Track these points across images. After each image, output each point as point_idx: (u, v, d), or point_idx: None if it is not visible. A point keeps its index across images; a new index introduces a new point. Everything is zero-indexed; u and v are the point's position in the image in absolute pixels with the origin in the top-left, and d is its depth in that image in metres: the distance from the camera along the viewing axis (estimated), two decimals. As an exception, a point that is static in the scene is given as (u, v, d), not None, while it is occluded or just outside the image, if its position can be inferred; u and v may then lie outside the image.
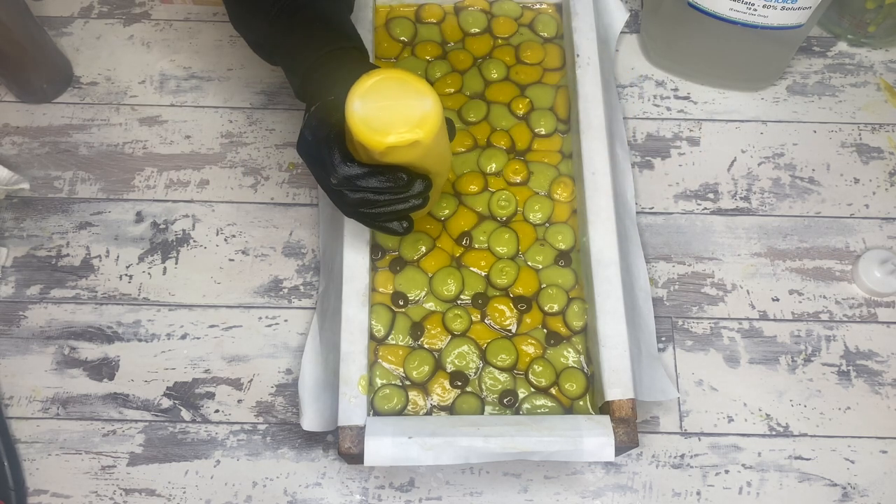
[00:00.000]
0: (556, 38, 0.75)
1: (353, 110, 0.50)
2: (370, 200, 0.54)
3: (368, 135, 0.50)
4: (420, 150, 0.51)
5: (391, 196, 0.54)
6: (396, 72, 0.51)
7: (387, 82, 0.51)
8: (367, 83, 0.50)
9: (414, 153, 0.52)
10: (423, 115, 0.50)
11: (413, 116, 0.50)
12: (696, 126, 0.79)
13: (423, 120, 0.50)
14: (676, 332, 0.71)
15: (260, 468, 0.67)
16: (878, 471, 0.67)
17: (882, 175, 0.78)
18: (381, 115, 0.50)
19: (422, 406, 0.63)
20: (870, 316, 0.72)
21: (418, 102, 0.51)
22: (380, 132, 0.50)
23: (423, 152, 0.52)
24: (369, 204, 0.54)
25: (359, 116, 0.50)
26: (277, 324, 0.71)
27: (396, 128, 0.50)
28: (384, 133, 0.50)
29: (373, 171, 0.53)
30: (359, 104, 0.50)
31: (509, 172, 0.70)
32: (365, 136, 0.50)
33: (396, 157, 0.52)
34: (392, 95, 0.50)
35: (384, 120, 0.50)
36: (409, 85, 0.51)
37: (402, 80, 0.51)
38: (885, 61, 0.82)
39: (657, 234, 0.75)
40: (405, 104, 0.50)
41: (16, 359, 0.71)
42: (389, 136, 0.50)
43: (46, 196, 0.76)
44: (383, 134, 0.50)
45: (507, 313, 0.66)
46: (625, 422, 0.59)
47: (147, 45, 0.82)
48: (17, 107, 0.80)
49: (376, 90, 0.50)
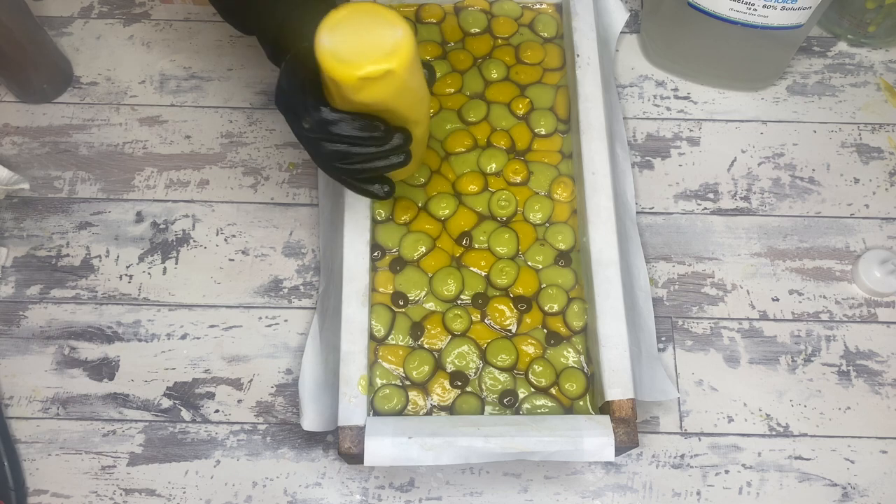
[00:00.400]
0: (556, 38, 0.75)
1: (321, 44, 0.48)
2: (346, 153, 0.52)
3: (339, 68, 0.47)
4: (394, 83, 0.49)
5: (369, 149, 0.52)
6: (366, 4, 0.49)
7: (356, 14, 0.49)
8: (336, 16, 0.49)
9: (388, 88, 0.49)
10: (394, 43, 0.48)
11: (384, 46, 0.48)
12: (696, 126, 0.79)
13: (395, 48, 0.48)
14: (676, 332, 0.71)
15: (260, 468, 0.67)
16: (878, 471, 0.67)
17: (882, 175, 0.78)
18: (351, 46, 0.48)
19: (422, 406, 0.63)
20: (870, 316, 0.72)
21: (389, 31, 0.48)
22: (350, 64, 0.47)
23: (398, 87, 0.50)
24: (346, 157, 0.52)
25: (328, 49, 0.48)
26: (277, 324, 0.71)
27: (367, 58, 0.48)
28: (355, 65, 0.47)
29: (348, 118, 0.51)
30: (327, 38, 0.48)
31: (509, 172, 0.70)
32: (335, 69, 0.48)
33: (371, 94, 0.49)
34: (362, 27, 0.48)
35: (355, 51, 0.48)
36: (380, 15, 0.49)
37: (372, 12, 0.49)
38: (885, 61, 0.82)
39: (657, 234, 0.75)
40: (376, 34, 0.48)
41: (16, 359, 0.71)
42: (361, 68, 0.47)
43: (46, 196, 0.76)
44: (354, 66, 0.47)
45: (507, 313, 0.66)
46: (625, 422, 0.59)
47: (147, 45, 0.82)
48: (17, 107, 0.80)
49: (346, 23, 0.48)
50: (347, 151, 0.52)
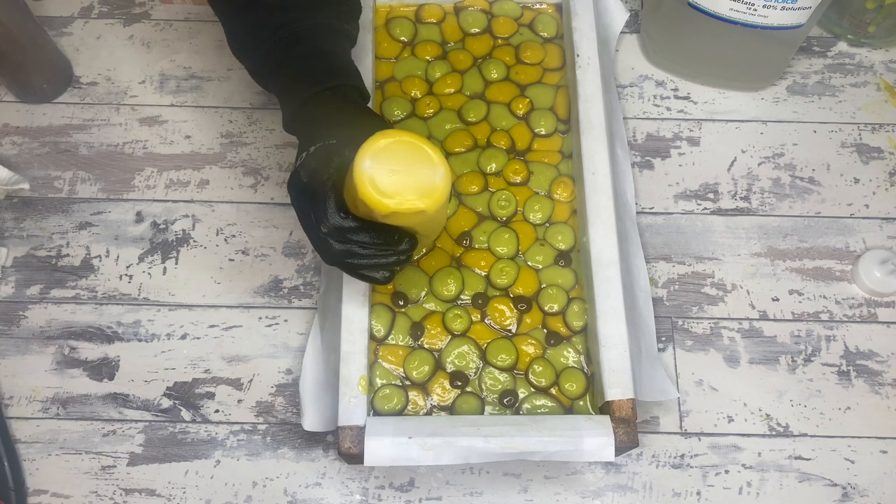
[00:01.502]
0: (556, 38, 0.75)
1: (362, 168, 0.49)
2: (355, 253, 0.53)
3: (375, 197, 0.49)
4: (423, 218, 0.51)
5: (377, 251, 0.53)
6: (411, 136, 0.50)
7: (400, 146, 0.50)
8: (379, 143, 0.49)
9: (415, 220, 0.51)
10: (433, 185, 0.50)
11: (423, 186, 0.49)
12: (696, 126, 0.79)
13: (431, 191, 0.50)
14: (676, 332, 0.71)
15: (260, 468, 0.67)
16: (878, 471, 0.67)
17: (882, 175, 0.78)
18: (390, 178, 0.49)
19: (422, 406, 0.63)
20: (870, 316, 0.72)
21: (430, 172, 0.50)
22: (387, 196, 0.49)
23: (426, 220, 0.52)
24: (354, 256, 0.53)
25: (368, 177, 0.49)
26: (277, 324, 0.71)
27: (404, 195, 0.49)
28: (391, 198, 0.49)
29: (365, 227, 0.52)
30: (369, 164, 0.49)
31: (509, 172, 0.70)
32: (371, 197, 0.49)
33: (396, 220, 0.51)
34: (404, 160, 0.49)
35: (393, 184, 0.49)
36: (423, 152, 0.50)
37: (415, 146, 0.50)
38: (885, 61, 0.82)
39: (657, 234, 0.75)
40: (417, 171, 0.50)
41: (16, 359, 0.71)
42: (395, 202, 0.49)
43: (46, 196, 0.76)
44: (390, 198, 0.49)
45: (507, 313, 0.66)
46: (625, 422, 0.59)
47: (147, 45, 0.82)
48: (17, 107, 0.80)
49: (388, 152, 0.49)
50: (355, 252, 0.53)
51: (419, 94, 0.73)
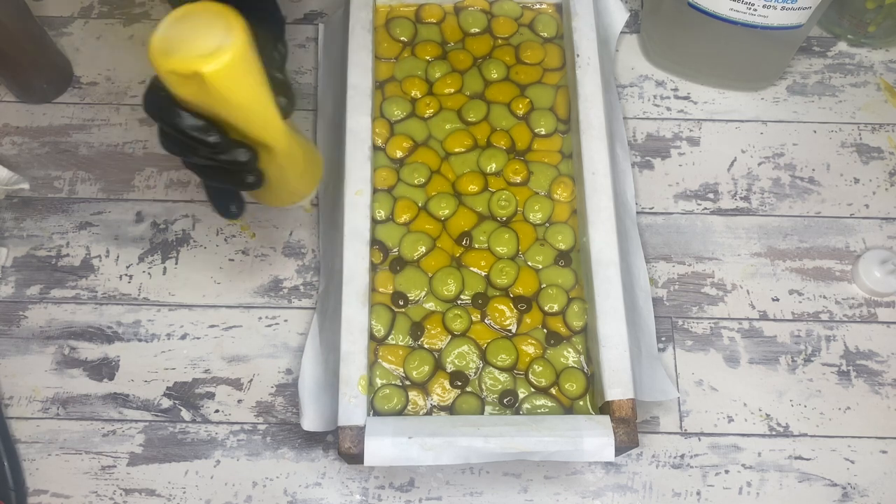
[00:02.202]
0: (556, 38, 0.75)
1: (157, 30, 0.45)
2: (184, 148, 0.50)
3: (153, 54, 0.45)
4: (209, 92, 0.46)
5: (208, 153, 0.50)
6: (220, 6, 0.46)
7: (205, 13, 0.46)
8: (186, 8, 0.46)
9: (203, 93, 0.46)
10: (216, 47, 0.44)
11: (204, 47, 0.45)
12: (696, 126, 0.79)
13: (215, 53, 0.44)
14: (676, 332, 0.71)
15: (260, 468, 0.67)
16: (878, 471, 0.67)
17: (882, 175, 0.78)
18: (175, 40, 0.45)
19: (422, 406, 0.63)
20: (870, 316, 0.72)
21: (220, 35, 0.45)
22: (165, 53, 0.45)
23: (216, 96, 0.46)
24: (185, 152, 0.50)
25: (158, 37, 0.45)
26: (277, 324, 0.71)
27: (181, 54, 0.45)
28: (167, 55, 0.45)
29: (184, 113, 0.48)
30: (165, 26, 0.45)
31: (509, 172, 0.70)
32: (152, 55, 0.45)
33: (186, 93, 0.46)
34: (202, 25, 0.45)
35: (176, 45, 0.45)
36: (223, 19, 0.46)
37: (219, 14, 0.46)
38: (885, 61, 0.82)
39: (657, 234, 0.75)
40: (206, 34, 0.45)
41: (16, 359, 0.71)
42: (170, 61, 0.45)
43: (46, 196, 0.76)
44: (167, 56, 0.45)
45: (507, 313, 0.66)
46: (625, 422, 0.59)
47: (147, 45, 0.82)
48: (17, 107, 0.80)
49: (191, 18, 0.46)
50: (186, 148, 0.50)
51: (419, 94, 0.73)
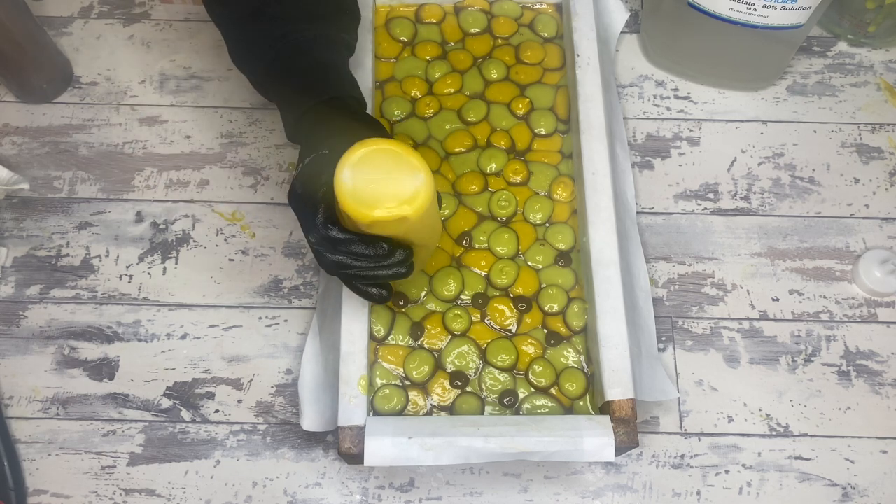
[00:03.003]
0: (556, 38, 0.75)
1: (341, 180, 0.48)
2: (348, 264, 0.53)
3: (355, 207, 0.48)
4: (407, 225, 0.50)
5: (370, 263, 0.53)
6: (390, 143, 0.49)
7: (379, 154, 0.49)
8: (358, 152, 0.49)
9: (401, 228, 0.50)
10: (413, 191, 0.49)
11: (403, 192, 0.49)
12: (696, 126, 0.79)
13: (413, 197, 0.49)
14: (676, 332, 0.71)
15: (260, 468, 0.67)
16: (878, 471, 0.67)
17: (882, 175, 0.78)
18: (370, 187, 0.48)
19: (422, 406, 0.63)
20: (870, 316, 0.72)
21: (410, 178, 0.49)
22: (367, 205, 0.48)
23: (411, 228, 0.51)
24: (348, 267, 0.53)
25: (347, 187, 0.48)
26: (277, 324, 0.71)
27: (384, 203, 0.48)
28: (371, 207, 0.48)
29: (353, 239, 0.52)
30: (348, 174, 0.49)
31: (509, 172, 0.70)
32: (351, 208, 0.48)
33: (382, 230, 0.50)
34: (383, 168, 0.49)
35: (373, 193, 0.48)
36: (402, 158, 0.49)
37: (395, 153, 0.49)
38: (885, 61, 0.82)
39: (657, 234, 0.75)
40: (396, 178, 0.49)
41: (16, 359, 0.70)
42: (376, 211, 0.48)
43: (46, 196, 0.76)
44: (370, 207, 0.48)
45: (507, 313, 0.66)
46: (625, 422, 0.59)
47: (147, 45, 0.82)
48: (17, 107, 0.80)
49: (368, 161, 0.49)
50: (348, 263, 0.53)
51: (419, 94, 0.73)
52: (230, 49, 0.62)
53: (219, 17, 0.62)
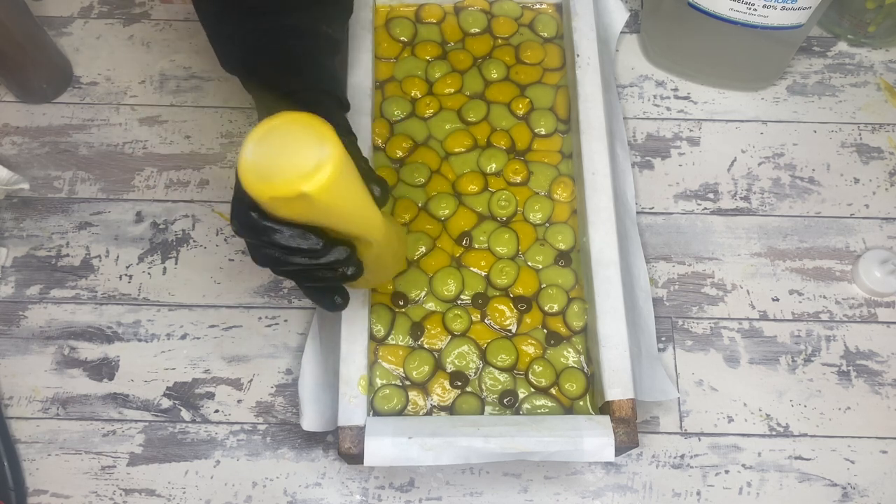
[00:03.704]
0: (556, 38, 0.75)
1: (242, 156, 0.44)
2: (280, 259, 0.48)
3: (252, 183, 0.43)
4: (314, 206, 0.45)
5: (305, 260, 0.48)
6: (302, 115, 0.45)
7: (289, 126, 0.44)
8: (267, 125, 0.44)
9: (308, 209, 0.45)
10: (315, 164, 0.43)
11: (304, 166, 0.43)
12: (696, 126, 0.79)
13: (314, 170, 0.43)
14: (676, 332, 0.71)
15: (260, 468, 0.67)
16: (878, 471, 0.67)
17: (882, 175, 0.78)
18: (268, 161, 0.43)
19: (422, 406, 0.63)
20: (870, 316, 0.72)
21: (315, 150, 0.44)
22: (263, 180, 0.43)
23: (321, 209, 0.45)
24: (280, 263, 0.48)
25: (246, 163, 0.44)
26: (277, 324, 0.71)
27: (281, 176, 0.43)
28: (267, 181, 0.43)
29: (280, 228, 0.47)
30: (250, 149, 0.44)
31: (509, 172, 0.70)
32: (249, 184, 0.44)
33: (291, 212, 0.46)
34: (290, 141, 0.44)
35: (269, 167, 0.43)
36: (311, 130, 0.44)
37: (304, 124, 0.44)
38: (885, 61, 0.82)
39: (657, 234, 0.75)
40: (301, 151, 0.44)
41: (16, 359, 0.71)
42: (272, 186, 0.43)
43: (46, 196, 0.76)
44: (266, 182, 0.43)
45: (507, 313, 0.66)
46: (625, 422, 0.59)
47: (147, 45, 0.82)
48: (17, 107, 0.80)
49: (276, 134, 0.44)
50: (283, 259, 0.48)
51: (419, 94, 0.73)
52: (214, 50, 0.59)
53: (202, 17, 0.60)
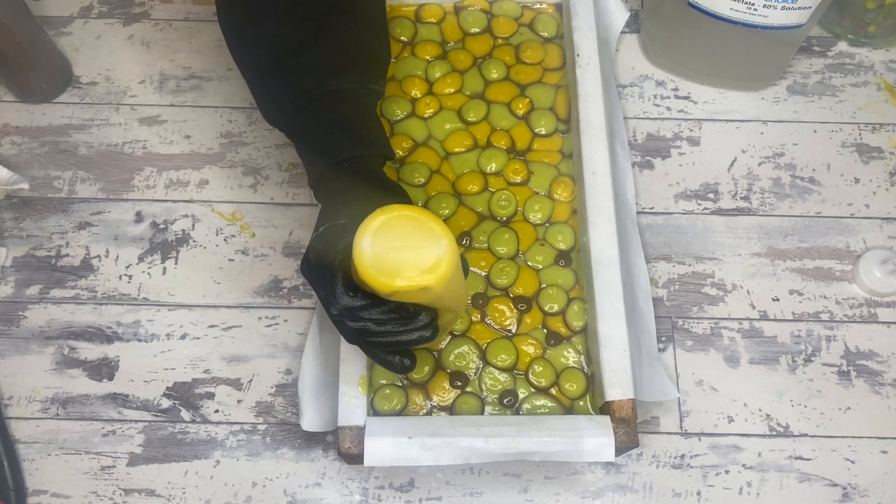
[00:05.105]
0: (556, 37, 0.75)
1: (360, 248, 0.46)
2: (372, 331, 0.51)
3: (375, 276, 0.46)
4: (431, 295, 0.48)
5: (394, 327, 0.51)
6: (411, 209, 0.47)
7: (400, 220, 0.47)
8: (378, 219, 0.47)
9: (424, 297, 0.49)
10: (436, 260, 0.46)
11: (425, 261, 0.46)
12: (696, 126, 0.79)
13: (435, 265, 0.46)
14: (676, 332, 0.71)
15: (260, 468, 0.67)
16: (878, 471, 0.67)
17: (882, 175, 0.77)
18: (390, 255, 0.46)
19: (422, 406, 0.63)
20: (870, 316, 0.72)
21: (432, 245, 0.47)
22: (387, 275, 0.46)
23: (434, 297, 0.49)
24: (371, 334, 0.51)
25: (367, 256, 0.46)
26: (277, 324, 0.71)
27: (405, 272, 0.46)
28: (392, 276, 0.46)
29: (375, 304, 0.50)
30: (367, 242, 0.46)
31: (509, 172, 0.70)
32: (372, 277, 0.46)
33: (403, 298, 0.49)
34: (404, 236, 0.47)
35: (393, 262, 0.46)
36: (424, 225, 0.47)
37: (416, 220, 0.47)
38: (885, 61, 0.82)
39: (657, 234, 0.75)
40: (418, 246, 0.47)
41: (15, 359, 0.70)
42: (397, 280, 0.46)
43: (46, 196, 0.76)
44: (391, 277, 0.46)
45: (507, 313, 0.66)
46: (625, 422, 0.59)
47: (147, 44, 0.82)
48: (17, 107, 0.80)
49: (388, 228, 0.47)
50: (371, 330, 0.51)
51: (419, 94, 0.73)
52: (256, 101, 0.60)
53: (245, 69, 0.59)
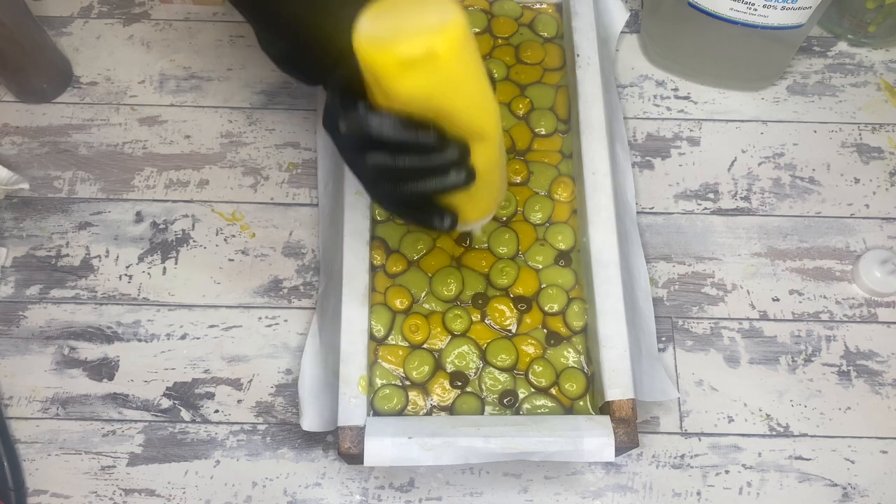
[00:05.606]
0: (556, 38, 0.75)
1: (360, 30, 0.41)
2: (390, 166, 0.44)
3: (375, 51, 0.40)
4: (441, 70, 0.41)
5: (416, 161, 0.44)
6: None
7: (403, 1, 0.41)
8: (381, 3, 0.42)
9: (434, 77, 0.41)
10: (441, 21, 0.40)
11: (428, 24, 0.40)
12: (696, 126, 0.79)
13: (441, 27, 0.40)
14: (676, 332, 0.71)
15: (260, 468, 0.67)
16: (878, 471, 0.67)
17: (882, 175, 0.78)
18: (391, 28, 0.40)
19: (422, 406, 0.63)
20: (870, 316, 0.72)
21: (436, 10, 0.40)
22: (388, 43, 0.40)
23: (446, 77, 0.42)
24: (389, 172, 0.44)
25: (366, 33, 0.41)
26: (277, 324, 0.71)
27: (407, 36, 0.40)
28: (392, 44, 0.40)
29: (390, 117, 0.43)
30: (367, 22, 0.41)
31: (509, 172, 0.70)
32: (371, 54, 0.40)
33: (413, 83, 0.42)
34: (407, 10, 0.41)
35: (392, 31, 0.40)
36: None
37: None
38: (885, 61, 0.82)
39: (657, 234, 0.75)
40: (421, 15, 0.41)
41: (15, 359, 0.70)
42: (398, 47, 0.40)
43: (46, 196, 0.76)
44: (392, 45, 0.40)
45: (507, 313, 0.66)
46: (625, 422, 0.59)
47: (147, 45, 0.82)
48: (17, 107, 0.80)
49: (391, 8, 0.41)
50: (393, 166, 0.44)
51: (419, 94, 0.73)
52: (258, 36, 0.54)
53: None
